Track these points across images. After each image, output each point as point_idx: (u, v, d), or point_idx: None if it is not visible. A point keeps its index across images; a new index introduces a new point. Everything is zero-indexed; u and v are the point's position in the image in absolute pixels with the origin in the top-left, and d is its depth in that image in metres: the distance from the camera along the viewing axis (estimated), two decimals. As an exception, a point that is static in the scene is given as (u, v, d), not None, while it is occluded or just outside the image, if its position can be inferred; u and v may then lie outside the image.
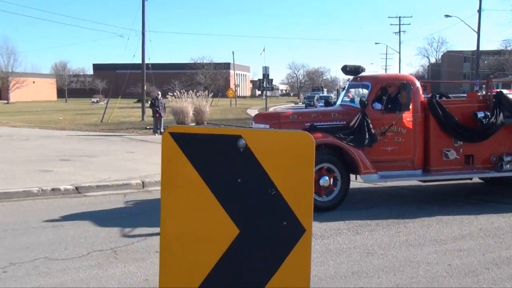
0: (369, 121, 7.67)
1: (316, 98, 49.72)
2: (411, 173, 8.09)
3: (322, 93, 62.63)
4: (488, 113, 8.07)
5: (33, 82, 76.90)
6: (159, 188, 3.86)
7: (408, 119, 7.97)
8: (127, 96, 32.72)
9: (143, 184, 9.68)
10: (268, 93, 36.83)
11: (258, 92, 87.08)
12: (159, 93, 20.91)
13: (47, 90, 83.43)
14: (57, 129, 22.53)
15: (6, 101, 66.40)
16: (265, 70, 30.92)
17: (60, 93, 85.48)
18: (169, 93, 24.06)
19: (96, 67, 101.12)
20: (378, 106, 8.12)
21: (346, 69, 8.75)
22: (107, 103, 32.10)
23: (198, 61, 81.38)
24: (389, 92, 8.23)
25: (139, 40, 29.37)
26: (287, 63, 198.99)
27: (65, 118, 31.89)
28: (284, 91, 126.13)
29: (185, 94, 23.23)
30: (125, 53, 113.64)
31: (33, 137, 18.18)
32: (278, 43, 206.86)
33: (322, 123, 7.94)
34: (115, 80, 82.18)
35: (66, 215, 7.41)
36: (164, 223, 2.12)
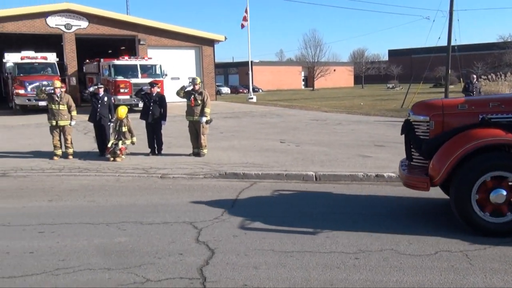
0: None
1: None
2: None
3: None
4: None
5: (334, 70, 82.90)
6: None
7: None
8: (421, 81, 31.25)
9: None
10: None
11: None
12: (474, 76, 18.99)
13: (346, 77, 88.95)
14: (362, 114, 23.24)
15: (311, 88, 73.95)
16: None
17: (357, 80, 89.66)
18: (482, 76, 21.69)
19: (392, 53, 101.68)
20: None
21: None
22: (408, 88, 31.48)
23: (509, 40, 71.61)
24: None
25: (446, 21, 27.52)
26: None
27: (365, 103, 32.91)
28: None
29: (502, 77, 20.48)
30: (423, 37, 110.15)
31: (344, 121, 19.14)
32: None
33: (499, 116, 5.86)
34: (409, 65, 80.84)
35: (386, 205, 7.20)
36: None
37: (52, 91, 11.56)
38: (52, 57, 25.67)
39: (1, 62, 26.69)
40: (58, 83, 11.80)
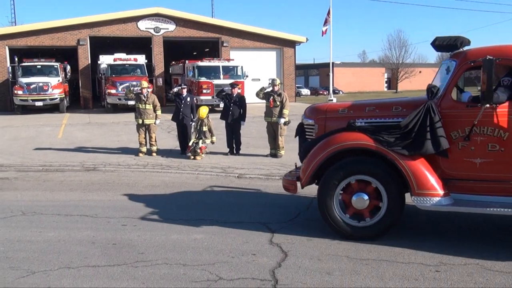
0: (437, 119, 5.30)
1: None
2: None
3: None
4: None
5: (420, 71, 79.48)
6: None
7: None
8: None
9: None
10: None
11: None
12: None
13: (432, 79, 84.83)
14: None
15: (395, 91, 71.49)
16: None
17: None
18: None
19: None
20: (468, 95, 5.62)
21: (435, 44, 5.84)
22: None
23: None
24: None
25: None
26: None
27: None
28: None
29: None
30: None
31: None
32: None
33: (374, 120, 5.81)
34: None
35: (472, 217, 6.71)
36: None
37: (140, 91, 12.18)
38: (141, 59, 27.09)
39: (96, 63, 28.63)
40: (145, 84, 12.41)
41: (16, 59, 25.55)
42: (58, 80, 24.35)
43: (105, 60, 27.07)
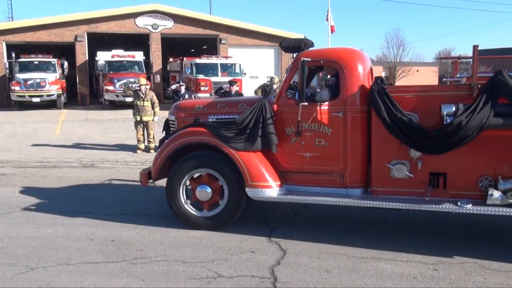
0: (268, 116, 5.69)
1: None
2: (339, 192, 5.64)
3: None
4: (464, 107, 4.93)
5: (417, 70, 79.47)
6: None
7: (335, 114, 5.58)
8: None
9: None
10: None
11: None
12: None
13: (430, 78, 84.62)
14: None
15: (392, 89, 71.61)
16: None
17: (441, 81, 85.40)
18: None
19: (482, 52, 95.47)
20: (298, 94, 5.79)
21: (282, 45, 6.22)
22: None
23: None
24: (320, 75, 6.23)
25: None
26: None
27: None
28: None
29: None
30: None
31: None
32: None
33: (221, 117, 6.24)
34: (501, 66, 75.48)
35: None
36: None
37: (138, 88, 12.15)
38: (139, 56, 27.02)
39: (94, 60, 28.54)
40: (143, 81, 12.39)
41: (14, 55, 25.45)
42: (56, 77, 24.25)
43: (102, 57, 26.97)
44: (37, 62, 24.76)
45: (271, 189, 5.76)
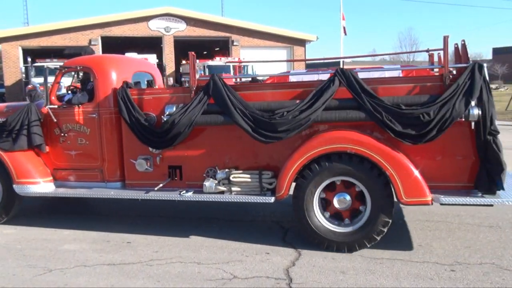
0: (34, 118, 6.28)
1: None
2: (99, 186, 6.29)
3: None
4: (180, 107, 5.62)
5: (431, 69, 78.89)
6: None
7: (91, 115, 6.23)
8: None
9: None
10: None
11: None
12: None
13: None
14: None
15: (405, 89, 70.98)
16: None
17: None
18: None
19: (496, 51, 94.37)
20: (67, 97, 6.58)
21: (65, 52, 5.98)
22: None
23: None
24: (80, 80, 7.20)
25: None
26: None
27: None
28: None
29: None
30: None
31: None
32: None
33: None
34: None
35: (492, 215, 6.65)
36: None
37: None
38: (152, 59, 27.24)
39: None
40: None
41: (29, 59, 25.82)
42: (71, 80, 24.55)
43: (116, 60, 27.25)
44: (52, 67, 25.08)
45: (37, 185, 6.33)
